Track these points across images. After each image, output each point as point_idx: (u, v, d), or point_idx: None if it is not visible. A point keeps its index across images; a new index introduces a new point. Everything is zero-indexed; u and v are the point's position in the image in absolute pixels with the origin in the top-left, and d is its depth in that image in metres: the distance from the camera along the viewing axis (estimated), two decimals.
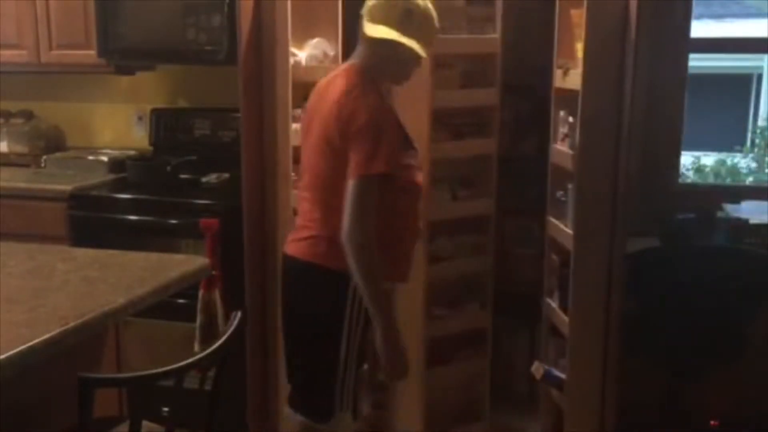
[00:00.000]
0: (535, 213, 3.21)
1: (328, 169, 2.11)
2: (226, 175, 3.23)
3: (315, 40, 2.86)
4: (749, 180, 6.52)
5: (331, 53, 2.90)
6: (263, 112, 2.74)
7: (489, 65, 2.98)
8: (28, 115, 3.89)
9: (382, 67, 2.15)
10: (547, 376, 2.85)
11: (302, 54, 2.82)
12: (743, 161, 6.89)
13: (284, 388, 2.83)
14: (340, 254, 2.06)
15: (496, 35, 2.97)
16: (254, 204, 2.79)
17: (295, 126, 2.76)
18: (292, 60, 2.73)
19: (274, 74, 2.70)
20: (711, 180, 6.50)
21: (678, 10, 3.18)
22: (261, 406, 2.91)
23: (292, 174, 2.76)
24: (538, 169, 3.11)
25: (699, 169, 6.69)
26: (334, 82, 2.15)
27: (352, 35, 2.96)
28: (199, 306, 2.85)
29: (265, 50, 2.70)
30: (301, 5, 2.83)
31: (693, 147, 6.45)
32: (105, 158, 3.60)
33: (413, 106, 2.62)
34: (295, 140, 2.74)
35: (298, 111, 2.82)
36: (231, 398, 1.80)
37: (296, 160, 2.79)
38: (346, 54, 2.93)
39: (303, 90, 2.87)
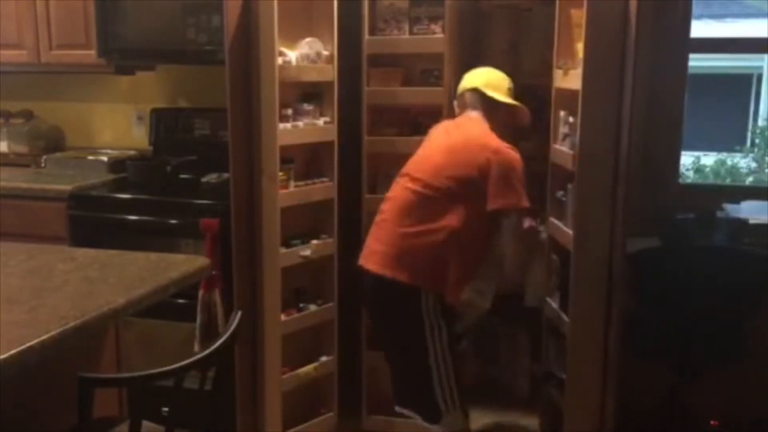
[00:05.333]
0: (535, 213, 3.21)
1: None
2: (226, 175, 3.22)
3: (308, 40, 2.85)
4: (749, 180, 6.53)
5: (326, 53, 2.90)
6: (251, 112, 2.74)
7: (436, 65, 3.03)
8: (28, 115, 3.89)
9: (500, 123, 2.68)
10: (547, 377, 2.85)
11: (293, 54, 2.81)
12: (743, 161, 6.90)
13: (272, 388, 2.86)
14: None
15: (440, 35, 2.99)
16: (243, 204, 2.78)
17: (282, 126, 2.76)
18: (281, 60, 2.72)
19: (259, 74, 2.70)
20: (711, 180, 6.50)
21: (678, 10, 3.18)
22: (250, 407, 2.92)
23: (280, 174, 2.75)
24: (538, 169, 3.11)
25: (699, 169, 6.71)
26: (470, 130, 2.64)
27: (346, 35, 2.98)
28: (199, 306, 2.85)
29: (252, 50, 2.70)
30: (296, 5, 2.82)
31: (693, 147, 6.46)
32: (105, 158, 3.60)
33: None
34: (282, 140, 2.74)
35: (289, 111, 2.82)
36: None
37: (285, 160, 2.80)
38: (342, 54, 2.94)
39: (295, 89, 2.88)
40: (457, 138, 2.60)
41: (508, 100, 2.68)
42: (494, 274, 2.63)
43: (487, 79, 2.69)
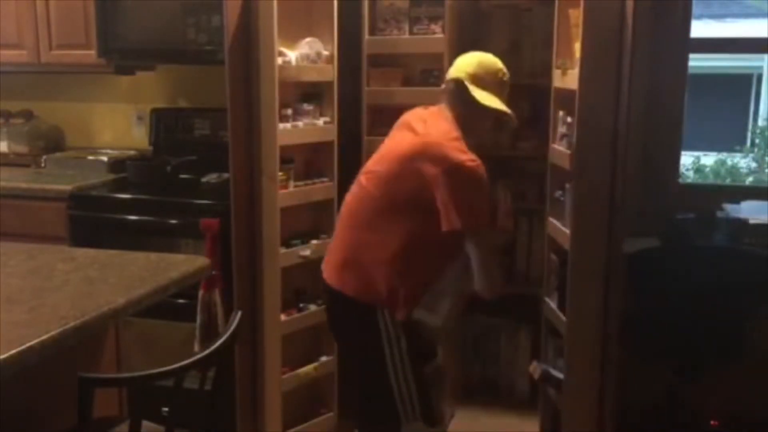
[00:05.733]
0: (534, 213, 3.21)
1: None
2: (226, 175, 3.22)
3: (307, 40, 2.86)
4: (749, 180, 6.54)
5: (326, 53, 2.90)
6: (251, 112, 2.74)
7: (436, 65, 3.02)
8: (28, 115, 3.89)
9: (478, 126, 2.36)
10: (545, 376, 2.85)
11: (293, 54, 2.81)
12: (743, 161, 6.91)
13: (272, 388, 2.86)
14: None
15: (440, 35, 3.00)
16: (243, 204, 2.78)
17: (282, 126, 2.76)
18: (281, 60, 2.72)
19: (259, 74, 2.70)
20: (711, 180, 6.51)
21: (678, 10, 3.18)
22: (250, 407, 2.92)
23: (279, 174, 2.75)
24: (537, 168, 3.11)
25: (699, 169, 6.71)
26: (432, 125, 2.31)
27: (346, 35, 2.99)
28: (199, 306, 2.85)
29: (252, 50, 2.70)
30: (296, 5, 2.83)
31: (693, 147, 6.46)
32: (105, 158, 3.60)
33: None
34: (282, 140, 2.74)
35: (289, 111, 2.83)
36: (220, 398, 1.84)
37: (285, 160, 2.80)
38: (342, 54, 2.95)
39: (295, 89, 2.88)
40: (414, 141, 2.29)
41: (493, 103, 2.31)
42: (452, 291, 2.38)
43: (476, 70, 2.35)
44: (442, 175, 2.17)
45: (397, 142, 2.37)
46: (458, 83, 2.35)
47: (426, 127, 2.32)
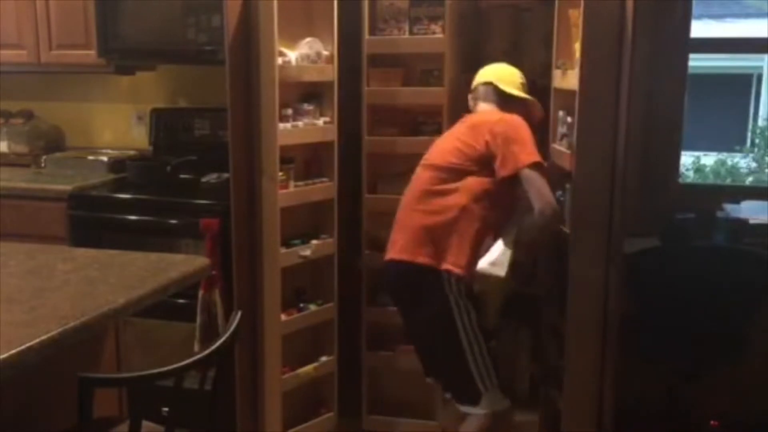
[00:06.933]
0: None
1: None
2: (226, 175, 3.22)
3: (307, 40, 2.86)
4: (749, 180, 6.54)
5: (326, 53, 2.90)
6: (251, 112, 2.74)
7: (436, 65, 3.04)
8: (28, 115, 3.89)
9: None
10: (546, 376, 2.85)
11: (293, 54, 2.81)
12: (743, 161, 6.90)
13: (272, 388, 2.86)
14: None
15: (440, 35, 3.00)
16: (243, 204, 2.78)
17: (282, 126, 2.76)
18: (281, 60, 2.72)
19: (259, 74, 2.70)
20: (711, 180, 6.51)
21: (678, 10, 3.18)
22: (250, 407, 2.92)
23: (280, 174, 2.75)
24: None
25: (699, 169, 6.71)
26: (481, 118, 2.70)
27: (346, 35, 2.99)
28: (199, 306, 2.86)
29: (252, 50, 2.70)
30: (296, 5, 2.83)
31: (693, 147, 6.46)
32: (105, 158, 3.60)
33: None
34: (282, 140, 2.74)
35: (289, 111, 2.83)
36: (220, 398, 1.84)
37: (285, 160, 2.80)
38: (342, 54, 2.95)
39: (295, 89, 2.88)
40: (466, 123, 2.68)
41: (521, 93, 2.75)
42: (511, 244, 2.58)
43: (500, 74, 2.78)
44: (493, 130, 2.54)
45: (450, 131, 2.73)
46: (488, 84, 2.76)
47: (471, 116, 2.74)
